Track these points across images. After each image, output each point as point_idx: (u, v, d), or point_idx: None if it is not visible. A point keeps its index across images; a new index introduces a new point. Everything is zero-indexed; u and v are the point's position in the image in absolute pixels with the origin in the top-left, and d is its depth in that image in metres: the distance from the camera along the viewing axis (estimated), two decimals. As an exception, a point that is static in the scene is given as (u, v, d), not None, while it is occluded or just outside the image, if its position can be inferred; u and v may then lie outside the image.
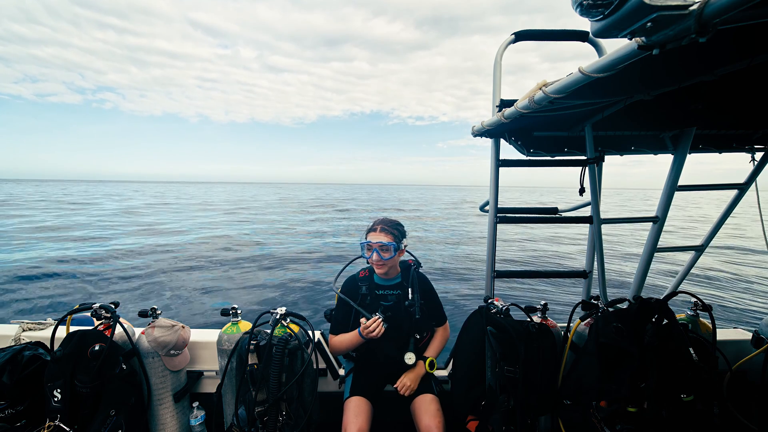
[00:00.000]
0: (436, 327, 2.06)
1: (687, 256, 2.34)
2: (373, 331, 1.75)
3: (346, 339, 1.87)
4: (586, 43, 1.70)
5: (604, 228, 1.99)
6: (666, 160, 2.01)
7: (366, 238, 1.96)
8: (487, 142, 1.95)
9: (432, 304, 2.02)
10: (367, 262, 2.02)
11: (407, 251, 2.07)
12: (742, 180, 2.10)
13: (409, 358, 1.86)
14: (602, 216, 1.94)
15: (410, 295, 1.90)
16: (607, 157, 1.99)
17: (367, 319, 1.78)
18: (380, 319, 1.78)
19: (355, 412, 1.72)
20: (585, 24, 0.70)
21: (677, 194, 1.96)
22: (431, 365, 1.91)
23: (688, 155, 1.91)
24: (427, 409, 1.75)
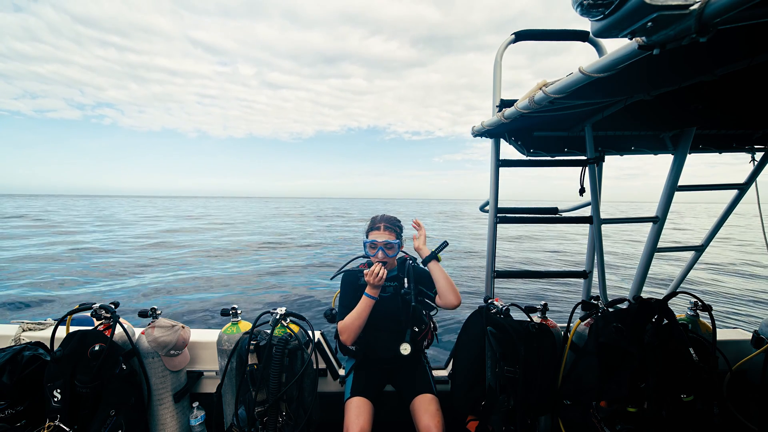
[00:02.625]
0: None
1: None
2: (378, 272, 1.77)
3: (354, 312, 1.84)
4: (582, 54, 1.70)
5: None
6: (661, 173, 2.03)
7: (368, 237, 1.96)
8: (485, 154, 1.96)
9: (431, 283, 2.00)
10: (369, 260, 2.02)
11: (402, 251, 2.07)
12: (741, 180, 2.10)
13: (404, 348, 1.86)
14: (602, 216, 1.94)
15: (406, 284, 1.93)
16: (604, 165, 1.99)
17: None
18: (380, 264, 1.81)
19: (357, 413, 1.72)
20: (585, 26, 0.70)
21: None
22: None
23: (688, 155, 1.91)
24: (427, 409, 1.75)
